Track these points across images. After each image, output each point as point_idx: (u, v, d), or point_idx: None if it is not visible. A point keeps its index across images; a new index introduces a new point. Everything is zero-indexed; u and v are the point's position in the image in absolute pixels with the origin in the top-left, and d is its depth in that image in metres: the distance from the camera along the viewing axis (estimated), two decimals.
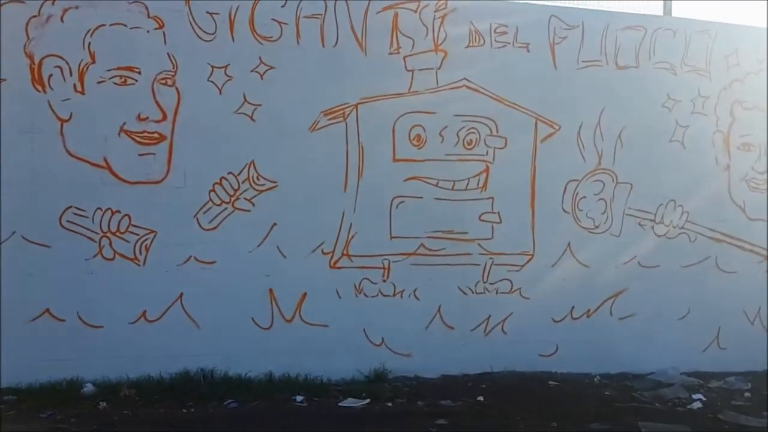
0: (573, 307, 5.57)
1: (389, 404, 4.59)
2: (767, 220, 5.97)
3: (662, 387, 5.21)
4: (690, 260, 5.84)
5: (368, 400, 4.60)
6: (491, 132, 5.35)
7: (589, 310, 5.61)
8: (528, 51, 5.42)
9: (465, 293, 5.33)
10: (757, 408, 4.91)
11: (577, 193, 5.56)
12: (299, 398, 4.54)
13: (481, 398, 4.78)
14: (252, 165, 4.86)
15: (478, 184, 5.34)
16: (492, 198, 5.37)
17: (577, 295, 5.58)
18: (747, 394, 5.28)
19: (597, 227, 5.62)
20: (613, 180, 5.65)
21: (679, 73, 5.80)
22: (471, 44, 5.30)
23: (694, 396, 5.08)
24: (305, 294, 4.96)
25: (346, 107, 5.03)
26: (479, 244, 5.35)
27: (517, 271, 5.43)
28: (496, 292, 5.39)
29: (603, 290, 5.65)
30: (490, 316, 5.38)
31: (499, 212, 5.38)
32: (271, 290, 4.90)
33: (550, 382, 5.26)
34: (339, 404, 4.51)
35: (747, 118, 5.99)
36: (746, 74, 5.97)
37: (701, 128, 5.86)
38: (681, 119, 5.79)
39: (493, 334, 5.40)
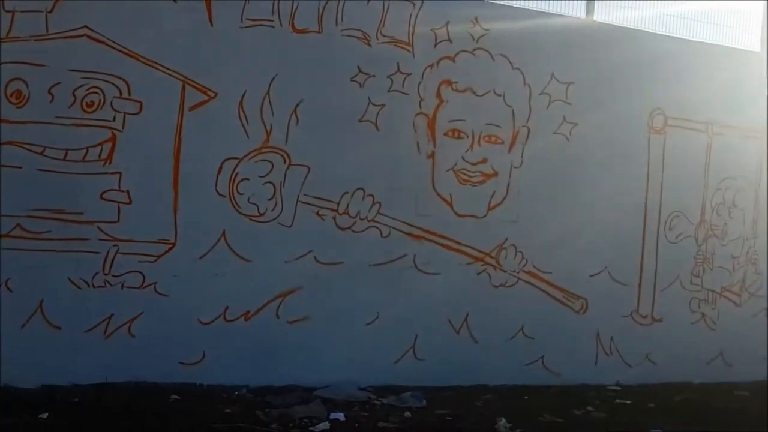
0: (227, 308, 4.74)
1: None
2: None
3: (301, 404, 4.43)
4: (381, 258, 5.12)
5: None
6: (121, 94, 4.45)
7: (248, 312, 4.80)
8: (175, 1, 4.57)
9: (78, 287, 4.41)
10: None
11: (236, 174, 4.74)
12: None
13: (45, 415, 3.86)
14: None
15: (100, 156, 4.43)
16: (120, 173, 4.47)
17: (234, 293, 4.75)
18: (407, 414, 4.58)
19: (262, 215, 4.81)
20: (284, 161, 4.85)
21: (374, 44, 5.07)
22: None
23: (333, 415, 4.34)
24: None
25: None
26: (100, 228, 4.44)
27: (152, 262, 4.55)
28: (122, 287, 4.49)
29: (268, 289, 4.84)
30: (112, 314, 4.49)
31: (128, 191, 4.49)
32: None
33: (173, 396, 4.40)
34: None
35: (458, 101, 5.32)
36: (458, 52, 5.30)
37: (400, 109, 5.14)
38: (375, 97, 5.06)
39: (116, 336, 4.50)
